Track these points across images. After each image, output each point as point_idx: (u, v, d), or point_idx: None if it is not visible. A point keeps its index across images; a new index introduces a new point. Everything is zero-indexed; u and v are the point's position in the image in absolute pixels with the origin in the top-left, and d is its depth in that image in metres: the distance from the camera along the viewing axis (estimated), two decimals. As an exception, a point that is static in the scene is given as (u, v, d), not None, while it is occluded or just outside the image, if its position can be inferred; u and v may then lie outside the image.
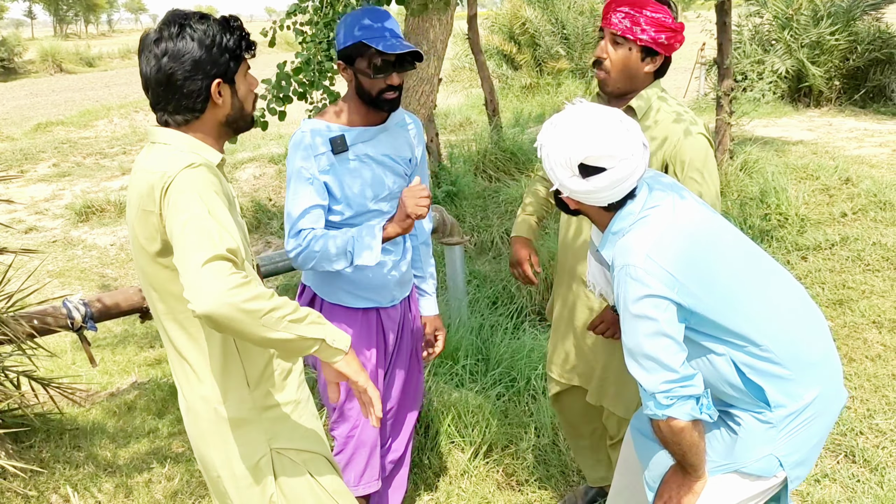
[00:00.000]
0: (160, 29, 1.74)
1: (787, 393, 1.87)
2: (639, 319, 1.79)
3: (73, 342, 5.06)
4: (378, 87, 2.35)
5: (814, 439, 1.92)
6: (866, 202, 6.37)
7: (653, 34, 2.31)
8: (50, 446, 3.69)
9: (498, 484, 3.28)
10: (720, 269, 1.85)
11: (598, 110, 1.86)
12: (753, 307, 1.87)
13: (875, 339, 4.41)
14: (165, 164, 1.70)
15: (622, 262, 1.83)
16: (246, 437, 1.87)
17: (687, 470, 1.92)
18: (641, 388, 1.82)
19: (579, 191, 1.86)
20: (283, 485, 1.91)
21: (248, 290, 1.54)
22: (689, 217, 1.89)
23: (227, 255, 1.56)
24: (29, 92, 25.93)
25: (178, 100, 1.75)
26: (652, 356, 1.78)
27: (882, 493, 3.03)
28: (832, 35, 11.31)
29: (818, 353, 1.93)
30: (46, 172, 10.78)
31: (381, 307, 2.60)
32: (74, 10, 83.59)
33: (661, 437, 1.87)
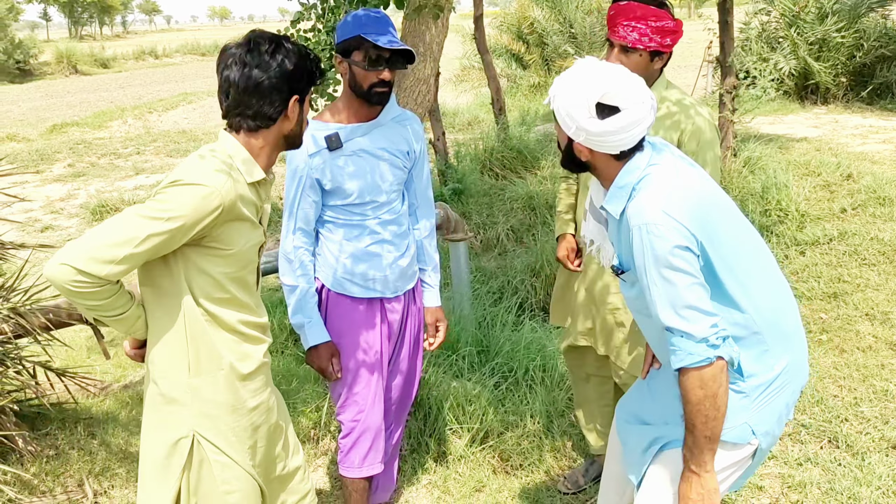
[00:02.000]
0: (254, 42, 1.94)
1: (761, 362, 1.96)
2: (674, 273, 1.84)
3: (88, 338, 5.23)
4: (370, 80, 2.50)
5: (779, 410, 2.01)
6: (866, 198, 6.44)
7: (658, 40, 2.55)
8: (65, 434, 3.85)
9: (493, 469, 3.40)
10: (721, 230, 1.93)
11: (607, 62, 1.98)
12: (747, 271, 1.95)
13: (867, 330, 4.51)
14: (187, 168, 1.87)
15: (640, 221, 1.87)
16: (173, 415, 1.99)
17: (704, 458, 1.92)
18: (686, 336, 1.84)
19: (595, 132, 1.90)
20: (193, 474, 2.00)
21: (83, 299, 1.80)
22: (690, 176, 1.97)
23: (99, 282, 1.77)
24: (44, 93, 26.26)
25: (259, 107, 1.94)
26: (693, 306, 1.84)
27: (861, 476, 3.14)
28: (838, 32, 11.34)
29: (791, 325, 2.03)
30: (62, 172, 10.99)
31: (384, 298, 2.74)
32: (89, 12, 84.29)
33: (703, 385, 1.85)
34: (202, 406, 1.99)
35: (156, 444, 2.01)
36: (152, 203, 1.81)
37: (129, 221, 1.78)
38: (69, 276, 1.73)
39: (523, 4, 14.75)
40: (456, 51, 16.91)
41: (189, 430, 1.99)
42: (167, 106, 20.32)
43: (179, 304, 1.94)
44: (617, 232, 2.03)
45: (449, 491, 3.28)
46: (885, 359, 4.18)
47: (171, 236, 1.80)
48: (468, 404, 3.64)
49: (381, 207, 2.64)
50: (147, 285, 1.96)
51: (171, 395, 1.98)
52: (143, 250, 1.78)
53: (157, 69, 38.07)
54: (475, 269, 5.74)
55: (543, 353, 4.13)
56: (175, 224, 1.79)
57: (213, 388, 2.00)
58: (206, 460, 2.01)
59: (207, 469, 2.02)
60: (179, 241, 1.84)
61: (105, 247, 1.75)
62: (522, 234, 6.68)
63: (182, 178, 1.83)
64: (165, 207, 1.79)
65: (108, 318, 1.89)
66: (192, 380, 1.98)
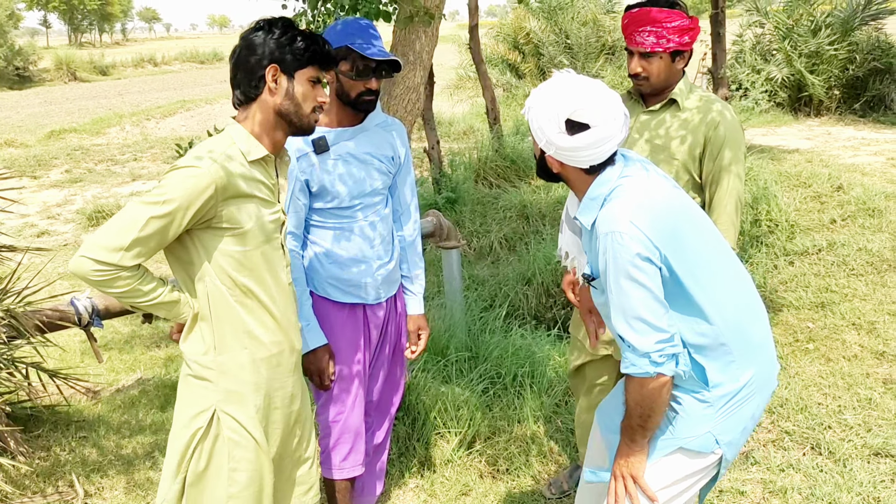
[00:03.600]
0: (255, 24, 2.08)
1: (726, 373, 2.00)
2: (630, 283, 1.89)
3: (82, 342, 5.26)
4: (357, 89, 2.55)
5: (744, 421, 2.05)
6: (856, 209, 6.50)
7: (677, 40, 2.60)
8: (57, 436, 3.88)
9: (480, 473, 3.44)
10: (689, 241, 1.97)
11: (584, 77, 2.02)
12: (712, 283, 1.99)
13: (853, 340, 4.55)
14: (188, 155, 1.98)
15: (608, 228, 1.92)
16: (199, 390, 2.10)
17: (634, 438, 2.04)
18: (631, 347, 1.92)
19: (565, 147, 1.95)
20: (207, 445, 2.09)
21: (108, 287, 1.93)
22: (661, 188, 2.02)
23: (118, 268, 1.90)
24: (43, 100, 26.31)
25: (240, 76, 2.05)
26: (643, 318, 1.90)
27: (842, 482, 3.18)
28: (831, 45, 11.45)
29: (758, 336, 2.07)
30: (59, 178, 11.04)
31: (366, 304, 2.77)
32: (89, 20, 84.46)
33: (641, 394, 1.96)
34: (227, 383, 2.09)
35: (178, 416, 2.13)
36: (152, 190, 1.94)
37: (130, 209, 1.92)
38: (88, 266, 1.88)
39: (519, 15, 14.84)
40: (452, 60, 17.00)
41: (211, 405, 2.09)
42: (165, 113, 20.36)
43: (205, 286, 2.05)
44: (589, 241, 2.08)
45: (435, 494, 3.31)
46: (870, 368, 4.23)
47: (171, 219, 1.91)
48: (456, 409, 3.68)
49: (366, 210, 2.68)
50: (177, 272, 2.08)
51: (199, 374, 2.09)
52: (147, 234, 1.90)
53: (155, 76, 38.13)
54: (468, 277, 5.78)
55: (532, 359, 4.17)
56: (171, 206, 1.90)
57: (237, 365, 2.09)
58: (222, 436, 2.09)
59: (221, 444, 2.10)
60: (182, 223, 1.93)
61: (113, 235, 1.89)
62: (515, 243, 6.72)
63: (177, 163, 1.95)
64: (161, 192, 1.91)
65: (143, 304, 2.00)
66: (217, 357, 2.08)
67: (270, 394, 2.17)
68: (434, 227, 4.72)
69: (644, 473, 2.06)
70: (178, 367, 4.81)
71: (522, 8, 14.56)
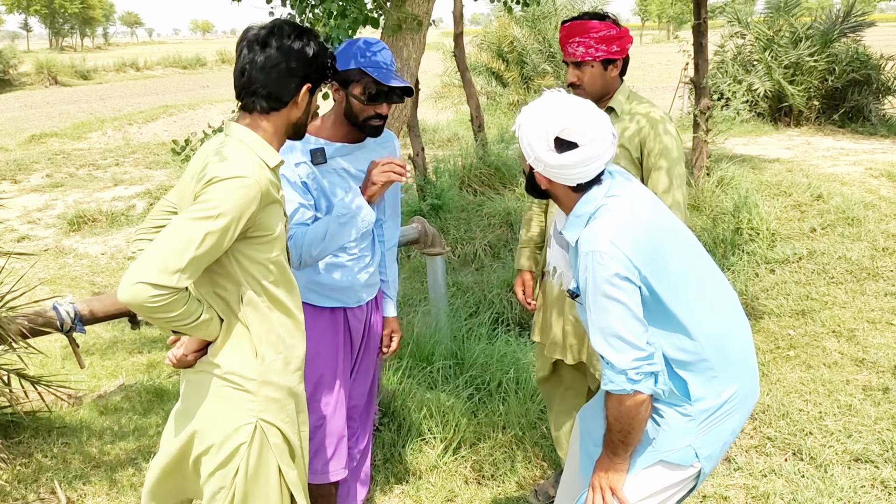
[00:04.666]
0: (278, 27, 2.00)
1: (708, 388, 2.03)
2: (608, 301, 1.92)
3: (63, 348, 5.22)
4: (367, 113, 2.53)
5: (724, 436, 2.08)
6: (835, 218, 6.59)
7: (604, 48, 2.72)
8: (38, 442, 3.84)
9: (466, 479, 3.45)
10: (671, 260, 2.01)
11: (574, 97, 2.06)
12: (694, 301, 2.02)
13: (833, 347, 4.61)
14: (222, 163, 1.91)
15: (589, 248, 1.95)
16: (238, 401, 2.04)
17: (616, 452, 2.06)
18: (609, 365, 1.95)
19: (553, 165, 1.99)
20: (251, 458, 2.06)
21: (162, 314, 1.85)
22: (646, 209, 2.05)
23: (175, 291, 1.83)
24: (24, 104, 26.10)
25: (273, 88, 1.99)
26: (621, 336, 1.92)
27: (823, 487, 3.22)
28: (811, 56, 11.59)
29: (740, 352, 2.11)
30: (40, 183, 10.94)
31: (347, 307, 2.77)
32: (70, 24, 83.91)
33: (619, 411, 1.98)
34: (268, 391, 2.06)
35: (213, 433, 2.05)
36: (197, 206, 1.86)
37: (182, 228, 1.84)
38: (146, 293, 1.80)
39: (503, 23, 14.92)
40: (436, 68, 17.05)
41: (253, 417, 2.04)
42: (147, 118, 20.27)
43: (239, 296, 2.02)
44: (574, 257, 2.11)
45: (421, 500, 3.31)
46: (850, 374, 4.28)
47: (224, 231, 1.86)
48: (441, 415, 3.69)
49: (352, 221, 2.67)
50: (203, 285, 2.03)
51: (239, 386, 2.04)
52: (203, 251, 1.84)
53: (138, 81, 37.94)
54: (452, 284, 5.80)
55: (517, 365, 4.19)
56: (225, 220, 1.85)
57: (275, 372, 2.07)
58: (267, 446, 2.07)
59: (268, 454, 2.07)
60: (233, 236, 1.90)
61: (169, 256, 1.81)
62: (499, 250, 6.75)
63: (218, 175, 1.88)
64: (212, 206, 1.85)
65: (187, 326, 1.94)
66: (260, 367, 2.05)
67: (298, 396, 2.18)
68: (419, 234, 4.73)
69: (623, 486, 2.08)
70: (161, 373, 4.79)
71: (507, 16, 14.63)
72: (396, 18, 3.19)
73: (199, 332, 1.99)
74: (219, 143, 2.01)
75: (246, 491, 2.06)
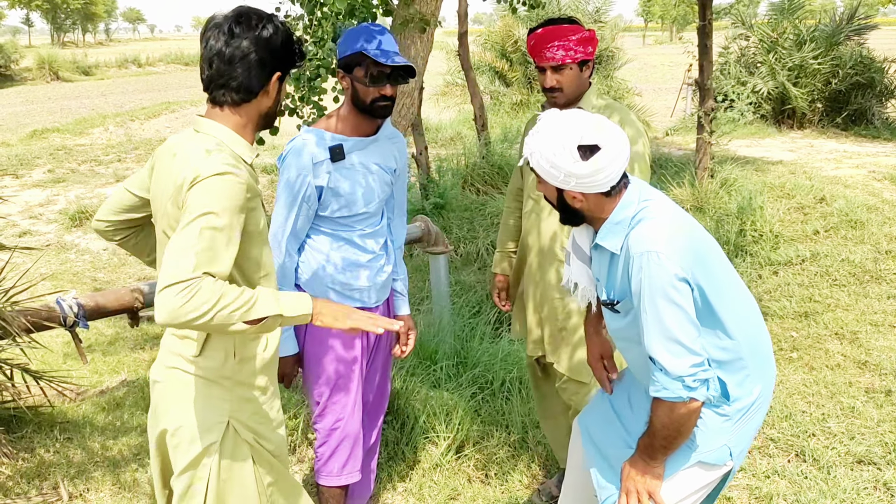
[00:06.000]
0: (245, 15, 1.91)
1: (743, 387, 2.04)
2: (668, 304, 1.88)
3: (65, 343, 5.21)
4: (372, 95, 2.54)
5: (752, 432, 2.10)
6: (838, 221, 6.59)
7: (582, 50, 2.76)
8: (41, 437, 3.84)
9: (469, 477, 3.45)
10: (713, 260, 2.00)
11: (565, 111, 2.05)
12: (732, 301, 2.02)
13: (836, 349, 4.61)
14: (200, 163, 1.82)
15: (644, 249, 1.92)
16: (211, 399, 1.98)
17: (655, 457, 2.03)
18: (664, 371, 1.90)
19: (585, 174, 1.94)
20: (223, 458, 1.99)
21: (195, 305, 1.68)
22: (680, 212, 2.05)
23: (202, 275, 1.70)
24: (25, 99, 26.08)
25: (243, 79, 1.90)
26: (680, 341, 1.88)
27: (826, 489, 3.22)
28: (815, 59, 11.59)
29: (767, 352, 2.12)
30: (41, 178, 10.93)
31: (366, 307, 2.78)
32: (72, 19, 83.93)
33: (670, 418, 1.94)
34: (241, 391, 2.01)
35: (185, 427, 1.98)
36: (187, 214, 1.77)
37: (180, 238, 1.74)
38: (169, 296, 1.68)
39: (507, 23, 14.91)
40: (440, 67, 17.04)
41: (225, 416, 1.99)
42: (149, 114, 20.25)
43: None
44: (609, 265, 2.08)
45: (424, 499, 3.31)
46: (853, 377, 4.28)
47: (224, 229, 1.77)
48: (445, 414, 3.69)
49: (368, 220, 2.70)
50: None
51: (211, 379, 1.98)
52: (204, 247, 1.73)
53: (139, 77, 37.93)
54: (455, 283, 5.80)
55: (520, 365, 4.18)
56: (222, 218, 1.77)
57: (250, 374, 2.02)
58: (241, 443, 2.02)
59: (242, 452, 2.02)
60: (237, 236, 1.81)
61: (177, 261, 1.70)
62: (502, 249, 6.75)
63: (199, 175, 1.79)
64: (201, 207, 1.75)
65: (245, 307, 1.77)
66: (236, 365, 1.99)
67: (274, 394, 2.14)
68: (422, 233, 4.74)
69: (660, 490, 2.05)
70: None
71: (511, 16, 14.62)
72: (404, 17, 3.19)
73: (265, 309, 1.79)
74: (191, 140, 1.93)
75: (219, 491, 2.00)
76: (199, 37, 1.97)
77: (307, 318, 1.89)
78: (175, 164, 1.89)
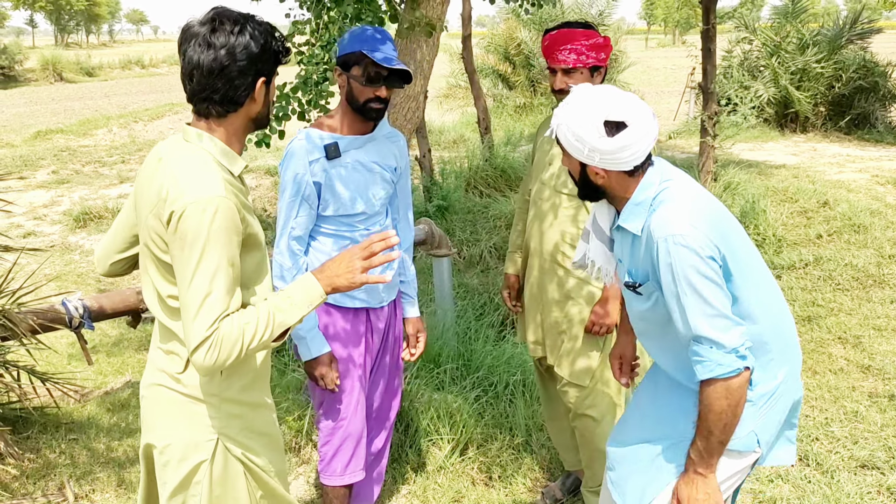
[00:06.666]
0: (219, 21, 1.82)
1: (766, 371, 2.00)
2: (703, 281, 1.87)
3: (69, 344, 5.23)
4: (366, 95, 2.56)
5: (777, 418, 2.05)
6: (841, 225, 6.59)
7: (594, 56, 2.78)
8: (46, 438, 3.86)
9: (473, 480, 3.46)
10: (737, 241, 1.97)
11: (598, 85, 2.03)
12: (755, 283, 1.99)
13: (839, 353, 4.62)
14: (188, 187, 1.76)
15: (666, 232, 1.90)
16: (199, 416, 1.92)
17: (711, 464, 1.97)
18: (717, 345, 1.86)
19: (609, 150, 1.93)
20: (215, 475, 1.95)
21: (226, 354, 1.72)
22: (703, 191, 2.03)
23: (218, 325, 1.72)
24: (29, 100, 26.13)
25: (226, 91, 1.83)
26: (724, 314, 1.87)
27: (830, 493, 3.23)
28: (818, 63, 11.59)
29: (791, 336, 2.09)
30: (45, 179, 10.96)
31: (370, 307, 2.80)
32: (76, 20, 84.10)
33: (728, 397, 1.89)
34: (230, 408, 1.95)
35: (173, 446, 1.93)
36: (176, 246, 1.75)
37: (202, 290, 1.73)
38: (201, 353, 1.71)
39: (510, 26, 14.94)
40: (443, 69, 17.07)
41: (213, 434, 1.93)
42: (153, 115, 20.29)
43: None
44: (631, 247, 2.06)
45: (428, 500, 3.32)
46: (856, 381, 4.29)
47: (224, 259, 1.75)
48: (449, 416, 3.70)
49: (371, 220, 2.72)
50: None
51: (199, 397, 1.92)
52: (233, 276, 1.75)
53: (143, 79, 37.99)
54: (458, 285, 5.81)
55: (524, 367, 4.19)
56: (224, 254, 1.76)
57: (239, 390, 1.96)
58: (232, 461, 1.97)
59: (233, 470, 1.97)
60: (236, 254, 1.79)
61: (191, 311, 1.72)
62: (505, 252, 6.75)
63: (188, 203, 1.74)
64: (209, 253, 1.73)
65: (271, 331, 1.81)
66: (221, 383, 1.93)
67: (268, 407, 2.09)
68: (426, 235, 4.75)
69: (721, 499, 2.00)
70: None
71: (514, 19, 14.65)
72: (410, 21, 3.21)
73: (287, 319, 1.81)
74: (178, 149, 1.87)
75: None
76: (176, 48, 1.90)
77: (324, 299, 1.90)
78: (159, 172, 1.84)
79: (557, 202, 2.92)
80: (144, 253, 1.91)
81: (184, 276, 1.74)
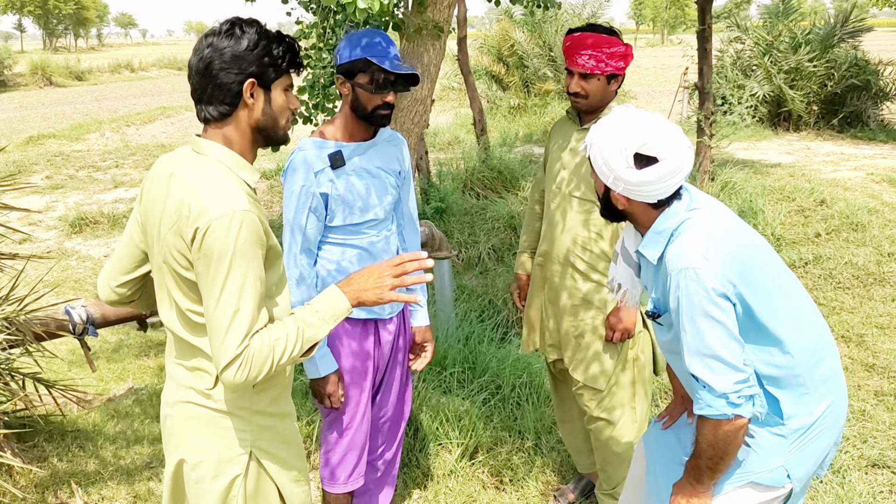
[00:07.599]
0: (215, 27, 1.84)
1: (800, 405, 1.96)
2: (706, 321, 1.83)
3: (70, 350, 5.20)
4: (374, 102, 2.52)
5: (817, 455, 2.01)
6: (839, 223, 6.62)
7: (614, 64, 2.75)
8: (52, 446, 3.83)
9: (483, 484, 3.45)
10: (761, 273, 1.91)
11: (645, 112, 1.98)
12: (785, 313, 1.93)
13: (843, 352, 4.63)
14: (210, 201, 1.73)
15: (680, 265, 1.86)
16: (230, 431, 1.90)
17: (700, 480, 1.98)
18: (707, 388, 1.85)
19: (633, 182, 1.89)
20: (249, 489, 1.94)
21: (257, 371, 1.71)
22: (729, 221, 1.98)
23: (248, 342, 1.71)
24: (19, 105, 25.98)
25: (211, 90, 1.81)
26: (721, 357, 1.83)
27: (842, 493, 3.24)
28: (811, 62, 11.65)
29: (831, 369, 2.02)
30: (40, 184, 10.89)
31: (379, 319, 2.77)
32: (64, 24, 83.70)
33: (715, 437, 1.89)
34: (260, 420, 1.94)
35: (205, 463, 1.92)
36: (202, 263, 1.72)
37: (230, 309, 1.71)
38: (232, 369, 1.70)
39: (504, 27, 14.94)
40: (436, 71, 17.05)
41: (247, 448, 1.92)
42: (145, 119, 20.19)
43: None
44: (653, 276, 2.04)
45: (440, 505, 3.32)
46: (861, 380, 4.30)
47: (249, 272, 1.73)
48: (457, 420, 3.69)
49: (378, 226, 2.68)
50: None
51: (230, 412, 1.90)
52: (261, 291, 1.75)
53: (132, 82, 37.86)
54: (457, 288, 5.80)
55: (529, 370, 4.19)
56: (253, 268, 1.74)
57: (270, 399, 1.95)
58: (264, 475, 1.96)
59: (266, 483, 1.96)
60: (260, 266, 1.77)
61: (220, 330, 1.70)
62: (503, 254, 6.76)
63: (213, 218, 1.71)
64: (237, 271, 1.71)
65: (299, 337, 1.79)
66: (252, 396, 1.91)
67: (292, 416, 2.08)
68: (426, 238, 4.74)
69: None
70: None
71: (507, 20, 14.66)
72: (417, 24, 3.20)
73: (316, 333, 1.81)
74: (191, 162, 1.84)
75: None
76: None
77: (349, 313, 1.88)
78: (175, 187, 1.80)
79: (568, 207, 2.92)
80: (163, 270, 1.87)
81: (211, 294, 1.72)
